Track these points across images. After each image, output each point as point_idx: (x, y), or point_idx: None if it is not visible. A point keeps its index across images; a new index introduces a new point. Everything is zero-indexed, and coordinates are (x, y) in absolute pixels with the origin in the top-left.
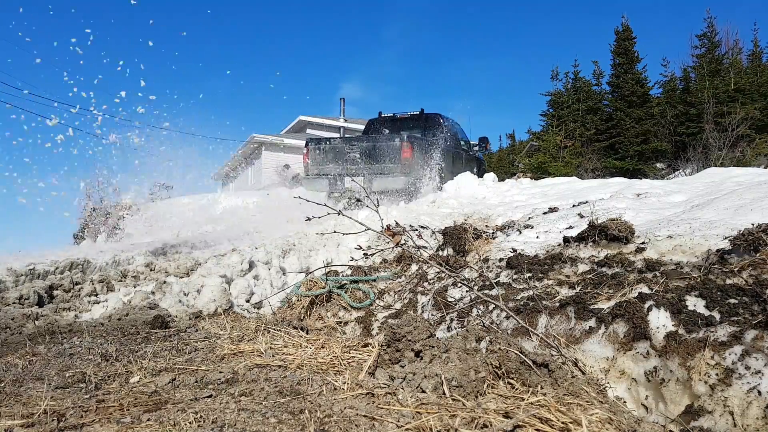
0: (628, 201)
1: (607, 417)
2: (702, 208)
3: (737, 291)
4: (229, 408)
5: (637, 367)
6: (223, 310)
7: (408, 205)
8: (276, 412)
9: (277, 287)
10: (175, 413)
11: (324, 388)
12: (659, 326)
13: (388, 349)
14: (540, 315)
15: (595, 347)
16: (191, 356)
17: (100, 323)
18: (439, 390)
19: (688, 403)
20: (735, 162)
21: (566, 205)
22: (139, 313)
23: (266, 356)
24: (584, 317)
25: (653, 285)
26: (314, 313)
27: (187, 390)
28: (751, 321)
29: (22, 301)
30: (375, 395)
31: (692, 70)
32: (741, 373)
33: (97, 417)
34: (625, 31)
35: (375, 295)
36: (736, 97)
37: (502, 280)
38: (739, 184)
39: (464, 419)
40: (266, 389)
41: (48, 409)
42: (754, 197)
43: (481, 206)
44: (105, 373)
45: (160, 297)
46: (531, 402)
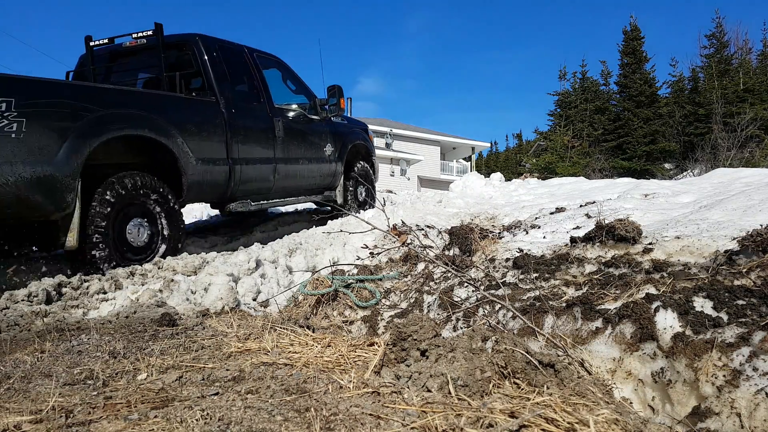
0: (636, 201)
1: (613, 418)
2: (710, 209)
3: (745, 292)
4: (236, 405)
5: (644, 367)
6: (230, 308)
7: (414, 205)
8: (282, 409)
9: (284, 286)
10: (182, 410)
11: (330, 386)
12: (666, 327)
13: (393, 348)
14: (546, 315)
15: (602, 348)
16: (198, 354)
17: (108, 321)
18: (444, 389)
19: (695, 404)
20: (744, 162)
21: (573, 206)
22: (146, 311)
23: (273, 354)
24: (591, 318)
25: (660, 286)
26: (320, 311)
27: (194, 387)
28: (759, 322)
29: (31, 298)
30: (381, 394)
31: (701, 70)
32: (748, 375)
33: (105, 414)
34: (633, 30)
35: (381, 295)
36: (746, 98)
37: (509, 280)
38: (747, 184)
39: (470, 418)
40: (272, 387)
41: (56, 406)
42: (762, 198)
43: (487, 206)
44: (112, 370)
45: (167, 295)
46: (537, 402)
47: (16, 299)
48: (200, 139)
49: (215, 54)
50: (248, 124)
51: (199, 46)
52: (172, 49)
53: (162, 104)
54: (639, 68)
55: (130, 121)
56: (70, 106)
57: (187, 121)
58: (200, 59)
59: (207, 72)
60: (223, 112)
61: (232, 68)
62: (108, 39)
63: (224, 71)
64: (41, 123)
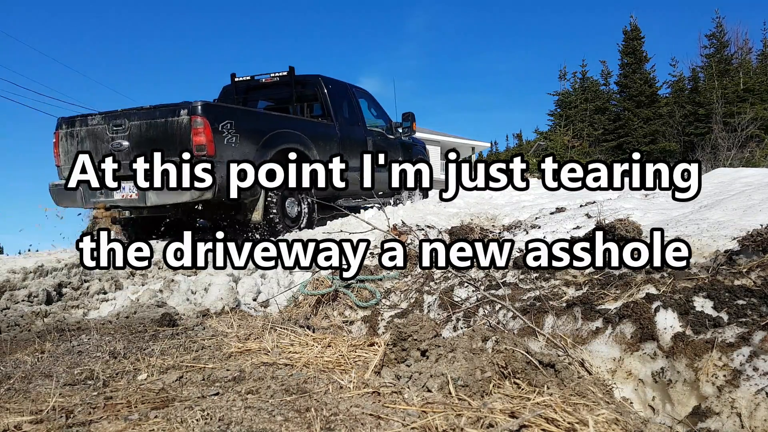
0: (636, 201)
1: (613, 417)
2: (710, 209)
3: (745, 292)
4: (236, 406)
5: (644, 367)
6: (230, 308)
7: (414, 205)
8: (282, 410)
9: (284, 286)
10: (182, 410)
11: (330, 386)
12: (666, 327)
13: (394, 348)
14: (546, 315)
15: (602, 348)
16: (198, 354)
17: (108, 321)
18: (445, 389)
19: (695, 404)
20: (744, 162)
21: (573, 205)
22: (146, 311)
23: (273, 354)
24: (591, 317)
25: (660, 286)
26: (320, 312)
27: (194, 387)
28: (760, 322)
29: (31, 298)
30: (381, 394)
31: (701, 70)
32: (749, 375)
33: (105, 414)
34: (633, 30)
35: (381, 295)
36: (746, 98)
37: (509, 280)
38: (747, 184)
39: (470, 418)
40: (273, 387)
41: (56, 406)
42: (763, 198)
43: (487, 206)
44: (113, 370)
45: (167, 295)
46: (537, 402)
47: (17, 299)
48: (324, 151)
49: (331, 88)
50: (352, 140)
51: (321, 83)
52: (298, 84)
53: (304, 126)
54: (639, 68)
55: (289, 138)
56: (260, 128)
57: (317, 138)
58: (321, 93)
59: (327, 102)
60: (337, 132)
61: (340, 99)
62: (250, 77)
63: (337, 101)
64: (247, 138)
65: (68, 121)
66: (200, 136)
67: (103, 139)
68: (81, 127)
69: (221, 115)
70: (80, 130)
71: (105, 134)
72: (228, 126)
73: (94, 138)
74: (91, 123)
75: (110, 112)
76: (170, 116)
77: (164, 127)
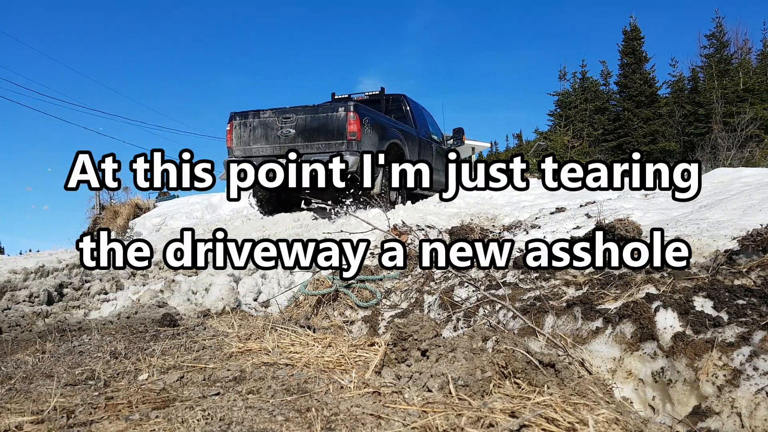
0: (636, 201)
1: (613, 417)
2: (710, 209)
3: (745, 292)
4: (237, 406)
5: (644, 367)
6: (231, 308)
7: (415, 205)
8: (283, 410)
9: (285, 286)
10: (183, 410)
11: (331, 386)
12: (666, 327)
13: (394, 348)
14: (547, 315)
15: (602, 347)
16: (199, 354)
17: (109, 321)
18: (445, 389)
19: (696, 404)
20: (744, 162)
21: (573, 205)
22: (147, 312)
23: (273, 355)
24: (591, 317)
25: (660, 285)
26: (321, 312)
27: (195, 388)
28: (760, 322)
29: (32, 299)
30: (381, 394)
31: (701, 70)
32: (749, 374)
33: (106, 414)
34: (633, 30)
35: (381, 295)
36: (745, 97)
37: (509, 280)
38: (747, 184)
39: (470, 418)
40: (273, 387)
41: (57, 406)
42: (762, 197)
43: (487, 206)
44: (114, 370)
45: (168, 295)
46: (537, 402)
47: (18, 300)
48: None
49: (412, 104)
50: (424, 145)
51: (405, 100)
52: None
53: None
54: (639, 68)
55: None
56: (380, 125)
57: (408, 139)
58: (406, 107)
59: (410, 114)
60: (418, 138)
61: (417, 113)
62: (347, 95)
63: (416, 114)
64: (376, 131)
65: (241, 115)
66: (353, 126)
67: (273, 128)
68: (254, 119)
69: (364, 113)
70: (253, 120)
71: (275, 124)
72: (367, 121)
73: (265, 127)
74: (263, 116)
75: (279, 109)
76: (330, 112)
77: (325, 120)
